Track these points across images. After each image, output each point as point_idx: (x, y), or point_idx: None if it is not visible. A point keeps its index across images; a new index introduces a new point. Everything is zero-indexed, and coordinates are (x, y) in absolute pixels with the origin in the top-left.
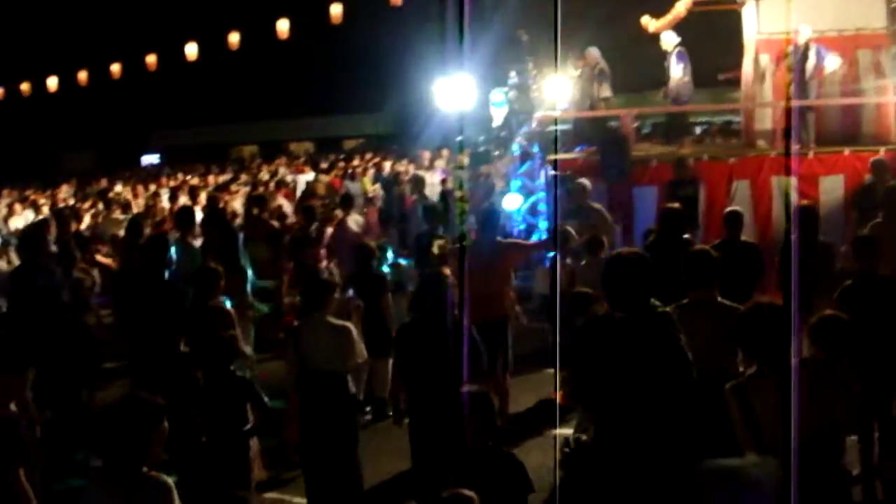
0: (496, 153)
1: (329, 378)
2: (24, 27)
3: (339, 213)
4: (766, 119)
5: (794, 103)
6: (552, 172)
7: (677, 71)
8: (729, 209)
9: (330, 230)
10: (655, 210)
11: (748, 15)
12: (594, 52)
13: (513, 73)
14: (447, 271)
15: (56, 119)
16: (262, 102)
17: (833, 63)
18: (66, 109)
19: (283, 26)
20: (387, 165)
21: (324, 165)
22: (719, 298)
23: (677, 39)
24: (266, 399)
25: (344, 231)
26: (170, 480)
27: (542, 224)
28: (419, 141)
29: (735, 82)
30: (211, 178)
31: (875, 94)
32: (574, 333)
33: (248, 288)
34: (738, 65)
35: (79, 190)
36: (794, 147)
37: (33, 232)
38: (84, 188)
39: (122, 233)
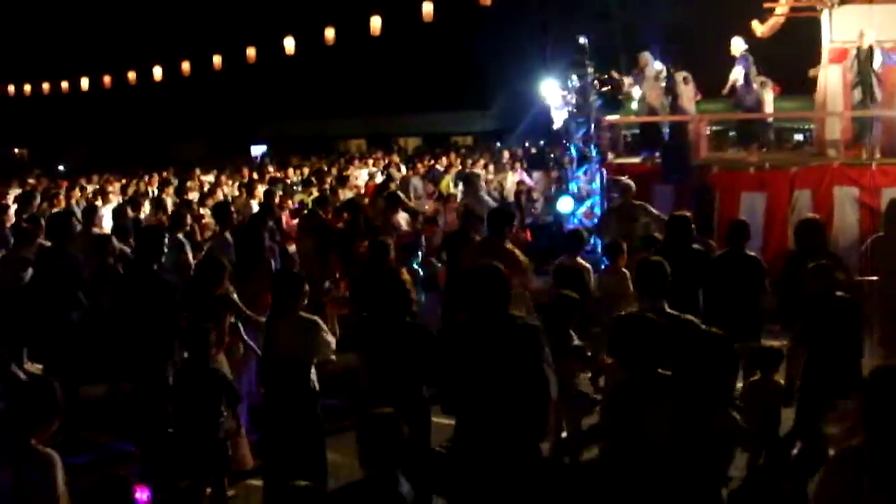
0: (552, 156)
1: (294, 369)
2: (137, 17)
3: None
4: (836, 128)
5: (855, 113)
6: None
7: (736, 75)
8: (735, 220)
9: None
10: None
11: (824, 23)
12: (646, 56)
13: (574, 77)
14: (403, 272)
15: (166, 108)
16: (371, 97)
17: None
18: (177, 99)
19: (427, 10)
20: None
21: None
22: (667, 309)
23: (744, 46)
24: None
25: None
26: (55, 455)
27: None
28: (524, 139)
29: None
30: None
31: None
32: (439, 340)
33: None
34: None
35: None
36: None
37: (60, 220)
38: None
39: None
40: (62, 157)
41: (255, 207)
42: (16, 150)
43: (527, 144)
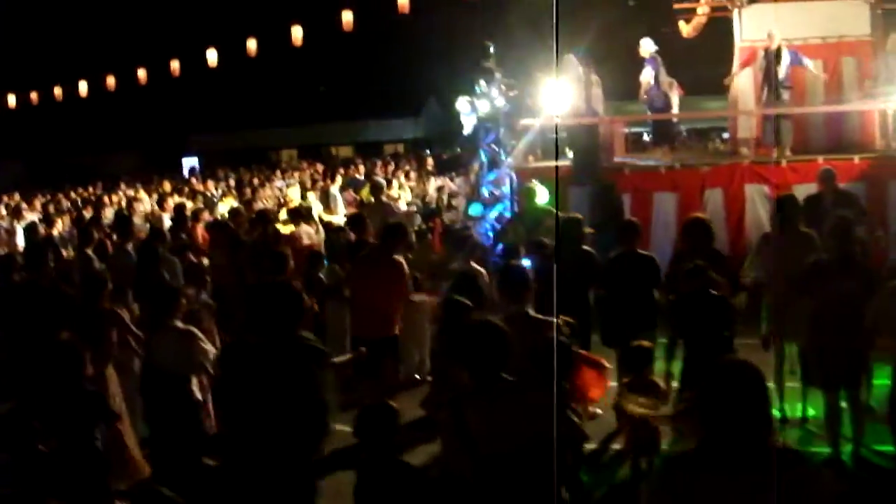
0: (461, 161)
1: (172, 381)
2: (62, 30)
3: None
4: (748, 127)
5: (765, 111)
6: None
7: (647, 77)
8: (625, 220)
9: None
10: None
11: (735, 23)
12: (571, 59)
13: (482, 82)
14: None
15: (101, 122)
16: (303, 107)
17: (810, 64)
18: (111, 112)
19: (347, 19)
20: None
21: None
22: (531, 313)
23: (654, 47)
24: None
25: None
26: None
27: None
28: (453, 146)
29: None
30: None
31: (858, 101)
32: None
33: None
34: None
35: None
36: (769, 155)
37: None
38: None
39: None
40: None
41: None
42: None
43: (430, 150)
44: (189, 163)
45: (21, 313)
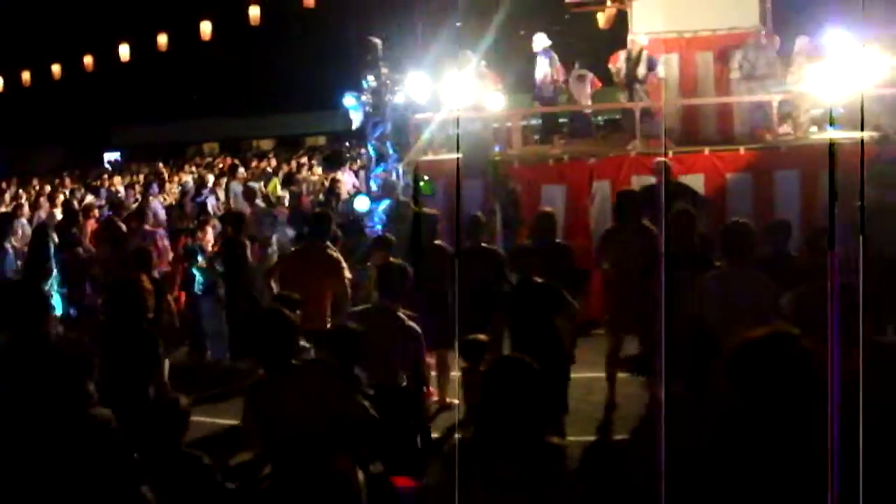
0: (348, 155)
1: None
2: None
3: None
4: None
5: (637, 105)
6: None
7: (541, 69)
8: (540, 211)
9: None
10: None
11: (629, 15)
12: (467, 54)
13: (371, 77)
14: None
15: (25, 115)
16: (224, 100)
17: (660, 71)
18: (35, 105)
19: (254, 14)
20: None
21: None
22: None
23: (548, 42)
24: None
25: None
26: None
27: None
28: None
29: None
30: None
31: (747, 93)
32: None
33: None
34: None
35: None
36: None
37: None
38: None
39: None
40: None
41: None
42: None
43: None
44: (110, 157)
45: None
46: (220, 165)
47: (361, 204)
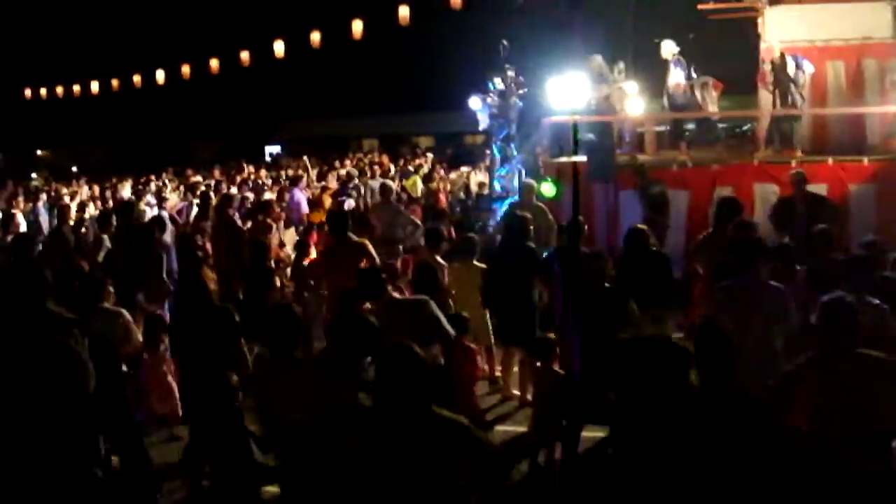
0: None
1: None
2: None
3: None
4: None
5: (775, 112)
6: (525, 177)
7: (675, 77)
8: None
9: None
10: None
11: (760, 23)
12: (597, 59)
13: (498, 80)
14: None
15: (185, 109)
16: (385, 96)
17: (809, 68)
18: (195, 99)
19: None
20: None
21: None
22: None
23: (676, 49)
24: None
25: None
26: None
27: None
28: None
29: None
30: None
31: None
32: None
33: None
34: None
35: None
36: (780, 155)
37: None
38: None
39: None
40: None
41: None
42: (38, 152)
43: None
44: (272, 150)
45: None
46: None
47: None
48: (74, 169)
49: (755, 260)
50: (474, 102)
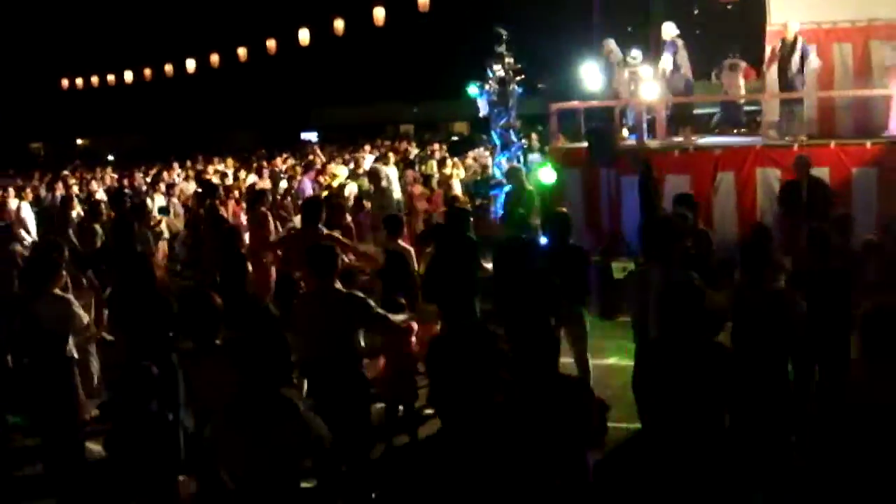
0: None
1: (53, 339)
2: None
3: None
4: (774, 111)
5: (782, 95)
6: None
7: (666, 62)
8: (552, 211)
9: None
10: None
11: (766, 5)
12: (610, 44)
13: (497, 67)
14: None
15: (222, 98)
16: (422, 83)
17: (815, 62)
18: (232, 89)
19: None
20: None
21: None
22: (337, 286)
23: (675, 31)
24: None
25: None
26: None
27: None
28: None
29: None
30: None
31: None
32: None
33: None
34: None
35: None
36: (784, 139)
37: None
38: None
39: None
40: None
41: None
42: (79, 141)
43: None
44: (308, 137)
45: None
46: (390, 149)
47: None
48: (111, 157)
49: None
50: (472, 89)
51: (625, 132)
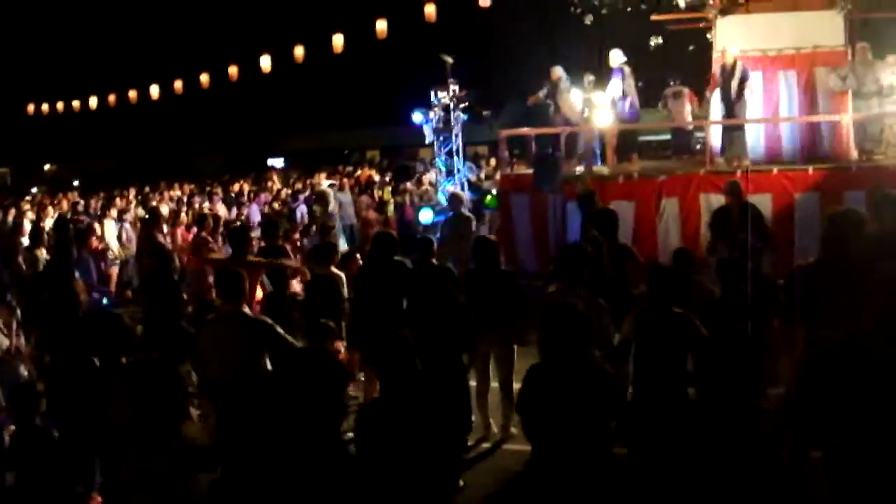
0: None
1: None
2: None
3: None
4: (717, 137)
5: (721, 122)
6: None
7: (614, 89)
8: (478, 237)
9: None
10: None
11: (711, 33)
12: (558, 70)
13: (442, 94)
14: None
15: (189, 122)
16: (383, 109)
17: (755, 88)
18: (199, 113)
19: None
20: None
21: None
22: (245, 310)
23: (622, 58)
24: None
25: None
26: None
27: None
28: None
29: None
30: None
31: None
32: None
33: None
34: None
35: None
36: (731, 165)
37: None
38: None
39: None
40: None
41: None
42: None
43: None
44: (273, 163)
45: None
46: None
47: (425, 216)
48: (76, 183)
49: None
50: (416, 116)
51: (574, 162)
